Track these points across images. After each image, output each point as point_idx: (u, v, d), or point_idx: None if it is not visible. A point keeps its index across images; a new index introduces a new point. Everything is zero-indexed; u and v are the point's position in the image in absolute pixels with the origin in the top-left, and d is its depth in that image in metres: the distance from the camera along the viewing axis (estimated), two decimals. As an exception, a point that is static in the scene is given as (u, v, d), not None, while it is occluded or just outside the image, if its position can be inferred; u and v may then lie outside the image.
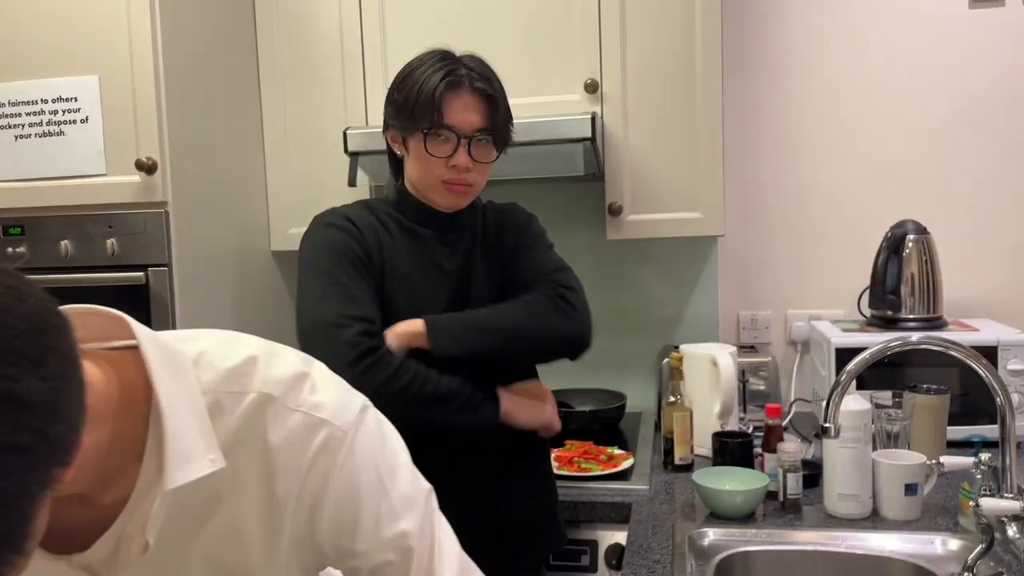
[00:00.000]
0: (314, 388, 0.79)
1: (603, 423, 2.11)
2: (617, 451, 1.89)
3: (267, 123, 2.18)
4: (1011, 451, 1.21)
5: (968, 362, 1.20)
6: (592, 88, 1.99)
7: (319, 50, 2.13)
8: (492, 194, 2.41)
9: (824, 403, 1.24)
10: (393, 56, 2.04)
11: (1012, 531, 1.19)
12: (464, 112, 1.37)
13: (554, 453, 1.88)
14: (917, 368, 1.88)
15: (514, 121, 1.89)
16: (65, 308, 0.64)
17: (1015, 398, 1.85)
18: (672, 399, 1.84)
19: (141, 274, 1.79)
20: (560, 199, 2.35)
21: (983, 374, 1.19)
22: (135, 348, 0.69)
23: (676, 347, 2.01)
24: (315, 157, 2.16)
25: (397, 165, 1.47)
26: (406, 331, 1.34)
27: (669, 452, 1.83)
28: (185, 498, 0.71)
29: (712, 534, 1.49)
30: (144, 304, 1.77)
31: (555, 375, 1.93)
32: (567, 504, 1.68)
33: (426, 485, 0.85)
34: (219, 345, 0.77)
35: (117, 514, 0.70)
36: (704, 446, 1.84)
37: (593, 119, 1.88)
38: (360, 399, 0.82)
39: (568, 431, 1.99)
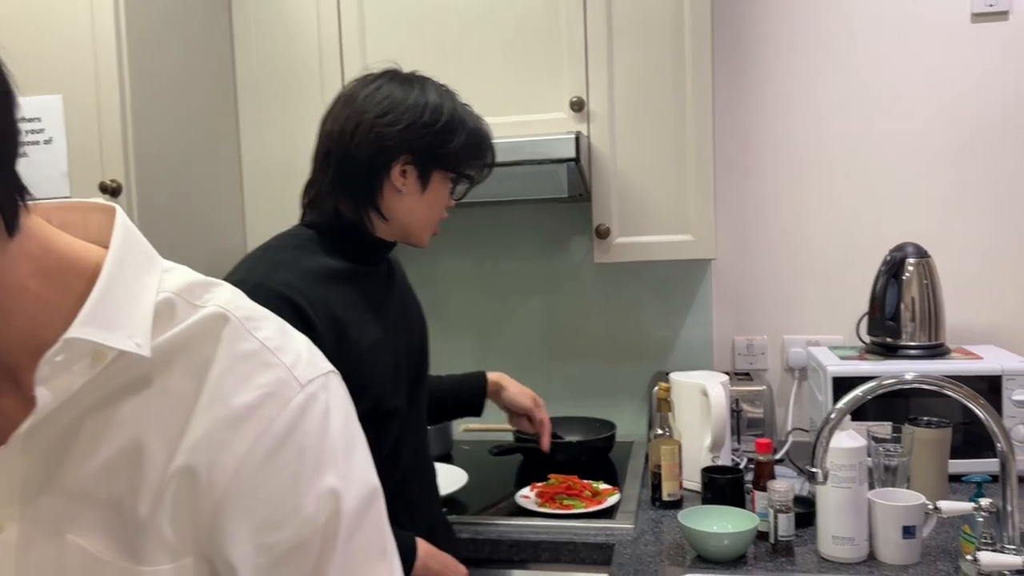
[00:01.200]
0: (285, 335, 0.69)
1: (592, 454, 2.02)
2: (603, 486, 1.81)
3: (244, 143, 2.11)
4: (1012, 496, 1.12)
5: (965, 402, 1.12)
6: (578, 106, 1.92)
7: (298, 68, 2.07)
8: (475, 216, 2.36)
9: (812, 444, 1.15)
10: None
11: (1015, 587, 1.10)
12: None
13: (536, 488, 1.80)
14: (918, 398, 1.80)
15: (496, 140, 1.85)
16: (70, 202, 0.67)
17: (1020, 429, 1.77)
18: (660, 431, 1.75)
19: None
20: (546, 220, 2.27)
21: (981, 416, 1.10)
22: (111, 213, 0.66)
23: (667, 374, 1.93)
24: (296, 179, 2.08)
25: (372, 194, 1.30)
26: None
27: (657, 488, 1.75)
28: (99, 396, 0.63)
29: (697, 580, 1.41)
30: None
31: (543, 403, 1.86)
32: (548, 544, 1.60)
33: (377, 481, 0.71)
34: (197, 273, 0.70)
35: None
36: (695, 480, 1.76)
37: (577, 138, 1.81)
38: (328, 363, 0.70)
39: (554, 463, 1.92)
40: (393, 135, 1.26)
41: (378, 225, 1.32)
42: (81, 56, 1.69)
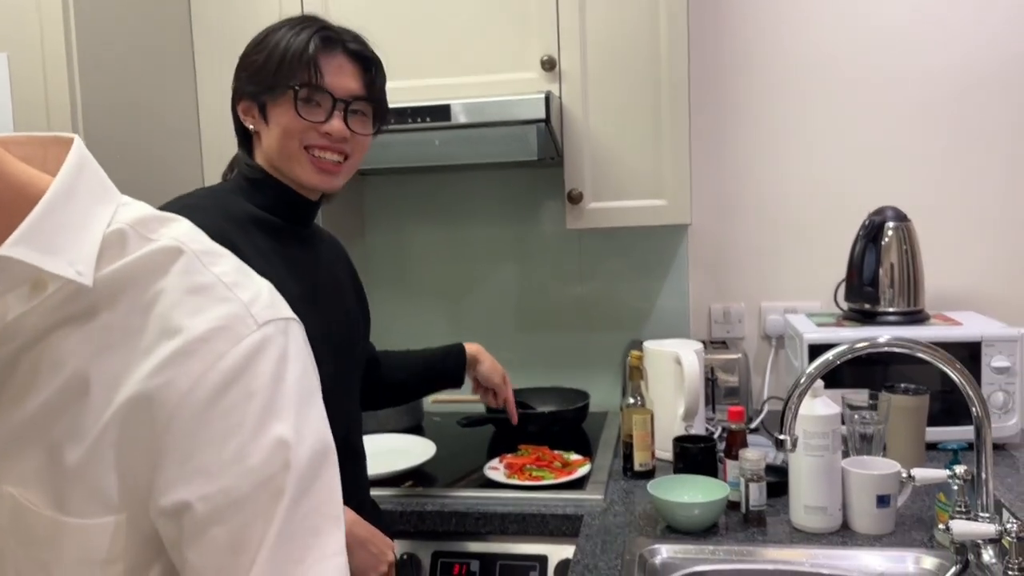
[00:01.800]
0: (245, 274, 0.64)
1: (564, 424, 1.98)
2: (574, 456, 1.77)
3: (201, 90, 2.02)
4: (987, 464, 1.08)
5: (942, 367, 1.08)
6: (549, 65, 1.85)
7: (258, 24, 1.98)
8: (443, 181, 2.29)
9: (781, 411, 1.11)
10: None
11: (988, 556, 1.07)
12: (340, 75, 1.21)
13: (505, 459, 1.76)
14: (896, 365, 1.76)
15: (462, 100, 1.77)
16: (29, 135, 0.63)
17: (999, 396, 1.73)
18: (632, 400, 1.71)
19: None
20: (517, 185, 2.21)
21: (956, 380, 1.06)
22: (69, 144, 0.63)
23: (641, 343, 1.88)
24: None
25: (247, 142, 1.29)
26: None
27: (629, 458, 1.71)
28: (37, 328, 0.59)
29: (665, 551, 1.37)
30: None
31: (516, 373, 1.81)
32: (515, 516, 1.55)
33: (331, 440, 0.65)
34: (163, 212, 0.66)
35: None
36: (668, 450, 1.71)
37: (548, 99, 1.75)
38: (290, 310, 0.65)
39: (526, 433, 1.87)
40: (236, 77, 1.27)
41: (268, 170, 1.26)
42: (25, 14, 1.61)
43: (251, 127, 1.26)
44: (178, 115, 1.99)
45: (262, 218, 1.23)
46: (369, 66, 1.25)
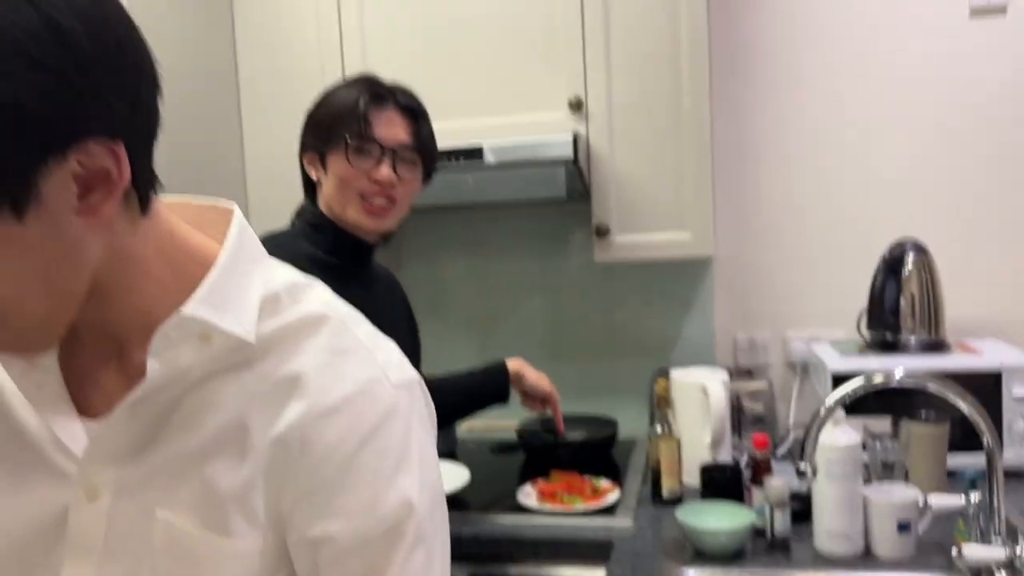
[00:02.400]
0: (379, 336, 0.74)
1: (593, 451, 2.04)
2: (604, 483, 1.83)
3: (247, 140, 2.13)
4: (998, 490, 1.13)
5: (953, 400, 1.13)
6: (576, 106, 1.94)
7: (300, 68, 2.08)
8: (476, 217, 2.38)
9: (801, 442, 1.17)
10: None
11: (1002, 581, 1.11)
12: (389, 126, 1.34)
13: (538, 485, 1.82)
14: (917, 393, 1.80)
15: (495, 144, 1.87)
16: (190, 199, 0.73)
17: (1021, 424, 1.77)
18: (659, 430, 1.77)
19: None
20: (546, 220, 2.29)
21: (966, 410, 1.11)
22: (228, 215, 0.72)
23: (668, 371, 1.94)
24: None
25: (312, 192, 1.44)
26: None
27: (656, 483, 1.76)
28: (201, 377, 0.68)
29: (694, 575, 1.42)
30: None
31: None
32: (547, 541, 1.62)
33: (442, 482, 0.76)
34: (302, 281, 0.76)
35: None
36: (695, 476, 1.77)
37: (576, 139, 1.83)
38: (415, 372, 0.74)
39: (556, 461, 1.94)
40: (303, 132, 1.42)
41: (328, 215, 1.39)
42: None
43: (314, 177, 1.40)
44: (227, 168, 2.09)
45: (323, 259, 1.35)
46: (417, 118, 1.38)
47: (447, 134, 1.90)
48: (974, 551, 1.10)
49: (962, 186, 2.08)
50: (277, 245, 1.32)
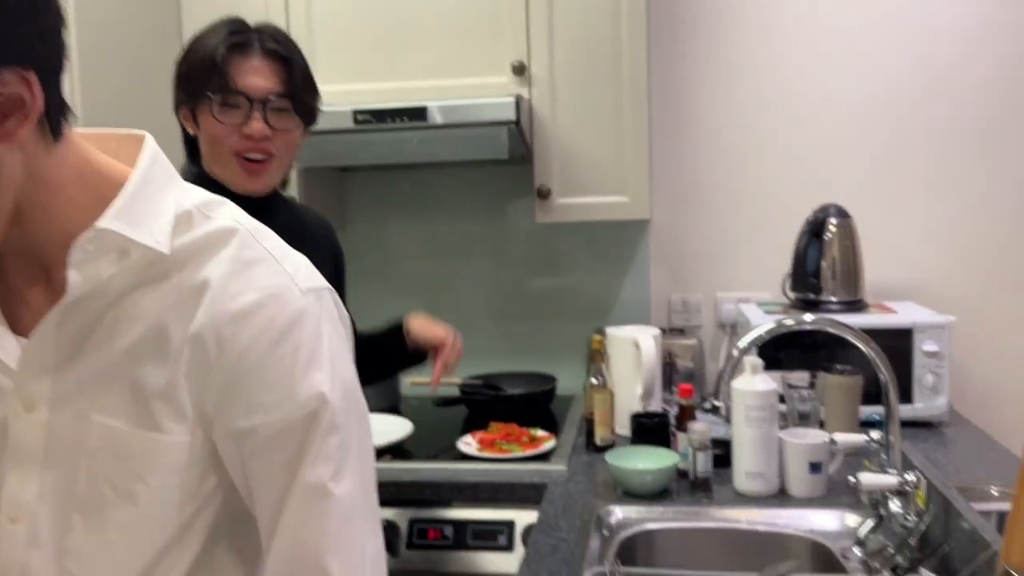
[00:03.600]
0: (287, 248, 0.79)
1: (532, 406, 2.12)
2: (540, 432, 1.91)
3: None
4: (895, 428, 1.24)
5: (857, 343, 1.23)
6: (519, 70, 1.99)
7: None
8: (419, 178, 2.43)
9: (715, 383, 1.26)
10: (321, 38, 2.02)
11: (894, 506, 1.22)
12: (254, 75, 1.24)
13: (477, 435, 1.89)
14: (833, 349, 1.91)
15: (440, 104, 1.88)
16: (106, 131, 0.78)
17: (929, 378, 1.90)
18: (594, 381, 1.86)
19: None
20: (490, 182, 2.35)
21: (869, 354, 1.22)
22: (140, 140, 0.76)
23: (603, 331, 2.03)
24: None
25: (192, 148, 1.35)
26: None
27: (591, 433, 1.85)
28: (121, 289, 0.73)
29: (620, 512, 1.51)
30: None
31: (486, 358, 1.95)
32: (486, 485, 1.70)
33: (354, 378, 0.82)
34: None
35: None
36: (626, 427, 1.86)
37: (518, 101, 1.89)
38: (326, 282, 0.80)
39: (496, 413, 2.01)
40: (174, 85, 1.33)
41: (209, 174, 1.31)
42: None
43: (192, 133, 1.32)
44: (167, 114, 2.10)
45: None
46: (286, 60, 1.28)
47: (392, 94, 1.96)
48: (869, 479, 1.21)
49: (883, 156, 2.20)
50: None
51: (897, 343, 1.88)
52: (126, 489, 0.77)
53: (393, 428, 1.95)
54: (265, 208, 1.31)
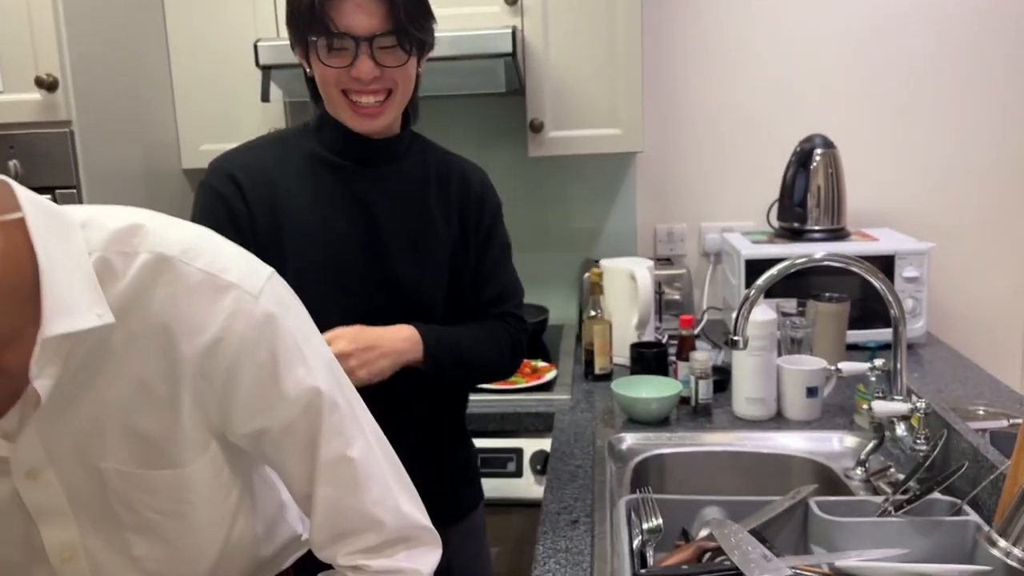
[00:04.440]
0: (216, 251, 0.78)
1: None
2: (541, 363, 1.96)
3: (172, 35, 2.08)
4: (902, 356, 1.31)
5: (867, 277, 1.29)
6: (512, 0, 1.96)
7: (226, -43, 2.03)
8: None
9: (734, 316, 1.31)
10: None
11: (900, 430, 1.30)
12: (356, 14, 1.16)
13: (479, 367, 1.93)
14: (820, 277, 1.98)
15: (439, 35, 1.86)
16: None
17: (909, 303, 1.99)
18: (592, 313, 1.90)
19: (48, 197, 1.72)
20: (481, 115, 2.33)
21: (879, 287, 1.27)
22: (21, 220, 0.69)
23: (596, 262, 2.06)
24: (225, 70, 2.08)
25: (314, 87, 1.28)
26: (396, 349, 1.23)
27: (590, 363, 1.91)
28: (83, 359, 0.73)
29: (629, 439, 1.58)
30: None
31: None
32: (494, 416, 1.75)
33: (328, 350, 0.87)
34: (109, 210, 0.77)
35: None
36: (623, 356, 1.92)
37: (514, 33, 1.87)
38: (265, 266, 0.81)
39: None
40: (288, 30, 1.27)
41: (331, 114, 1.27)
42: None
43: (309, 73, 1.26)
44: (152, 65, 2.06)
45: (326, 158, 1.27)
46: None
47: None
48: (882, 406, 1.28)
49: (865, 85, 2.24)
50: (283, 140, 1.31)
51: (879, 269, 1.95)
52: (170, 511, 0.83)
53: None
54: (388, 152, 1.29)
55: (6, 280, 0.67)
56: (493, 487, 1.71)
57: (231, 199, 1.22)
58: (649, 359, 1.81)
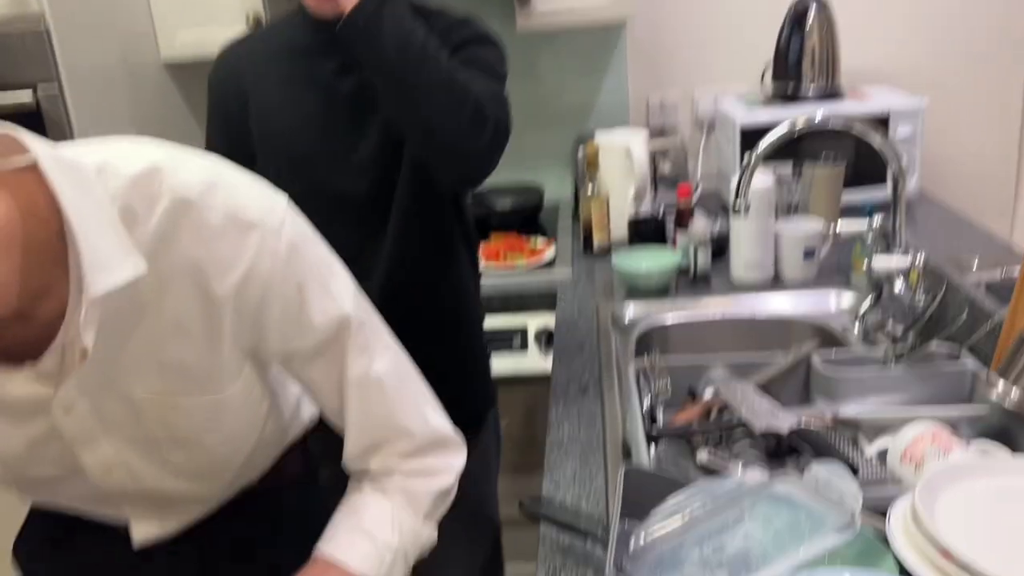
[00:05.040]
0: (233, 186, 0.80)
1: (523, 216, 2.17)
2: (540, 242, 1.97)
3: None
4: (901, 213, 1.33)
5: (865, 138, 1.29)
6: None
7: None
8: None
9: (734, 183, 1.32)
10: None
11: (899, 286, 1.33)
12: None
13: (481, 247, 1.94)
14: (815, 139, 1.97)
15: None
16: None
17: (903, 161, 1.98)
18: (590, 190, 1.90)
19: (29, 91, 1.69)
20: (464, -11, 2.25)
21: (878, 147, 1.28)
22: (33, 167, 0.68)
23: (588, 137, 2.04)
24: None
25: None
26: None
27: (588, 239, 1.92)
28: (118, 303, 0.74)
29: (632, 310, 1.61)
30: (40, 130, 1.68)
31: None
32: (498, 296, 1.77)
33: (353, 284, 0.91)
34: (118, 151, 0.77)
35: (60, 327, 0.73)
36: (622, 230, 1.93)
37: (495, -101, 1.78)
38: (280, 196, 0.83)
39: (491, 227, 2.06)
40: None
41: None
42: None
43: None
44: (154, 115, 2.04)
45: (299, 45, 1.28)
46: None
47: None
48: (882, 261, 1.30)
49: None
50: (249, 39, 1.34)
51: (872, 128, 1.94)
52: (205, 429, 0.86)
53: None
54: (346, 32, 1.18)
55: (34, 236, 0.68)
56: (500, 364, 1.76)
57: (215, 92, 1.32)
58: (647, 232, 1.83)
